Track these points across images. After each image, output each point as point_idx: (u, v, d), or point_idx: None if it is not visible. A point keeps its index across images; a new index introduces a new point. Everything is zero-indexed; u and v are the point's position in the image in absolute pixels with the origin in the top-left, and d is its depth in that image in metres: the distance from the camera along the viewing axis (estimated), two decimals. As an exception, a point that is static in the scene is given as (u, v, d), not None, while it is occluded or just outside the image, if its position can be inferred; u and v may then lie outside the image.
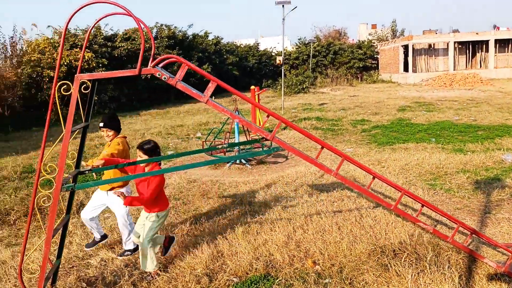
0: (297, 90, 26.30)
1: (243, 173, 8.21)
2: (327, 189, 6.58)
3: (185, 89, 3.05)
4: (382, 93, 24.14)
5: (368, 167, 3.84)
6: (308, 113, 16.43)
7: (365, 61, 38.17)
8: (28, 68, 18.06)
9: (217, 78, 3.09)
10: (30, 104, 19.27)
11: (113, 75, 3.05)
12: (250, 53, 35.66)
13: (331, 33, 51.33)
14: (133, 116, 19.00)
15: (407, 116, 14.21)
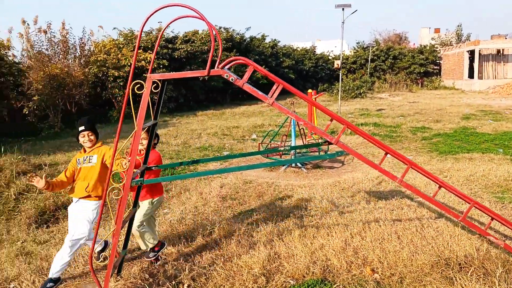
0: (354, 95, 25.84)
1: (299, 177, 8.19)
2: (385, 197, 6.41)
3: (251, 90, 3.09)
4: (444, 100, 23.16)
5: (435, 176, 3.70)
6: (365, 118, 16.10)
7: (427, 67, 36.76)
8: (94, 67, 19.04)
9: (284, 82, 3.11)
10: (95, 102, 20.35)
11: (183, 76, 3.16)
12: (306, 57, 35.48)
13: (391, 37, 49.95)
14: (190, 116, 19.50)
15: (471, 125, 13.53)
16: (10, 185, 7.28)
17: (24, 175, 7.89)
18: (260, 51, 28.51)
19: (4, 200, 6.74)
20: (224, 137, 12.98)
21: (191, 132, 14.01)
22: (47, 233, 5.48)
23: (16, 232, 5.52)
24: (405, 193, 6.57)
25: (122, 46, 20.44)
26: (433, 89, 33.12)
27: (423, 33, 52.67)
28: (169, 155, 10.16)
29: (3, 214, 6.23)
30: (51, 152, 10.95)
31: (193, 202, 6.46)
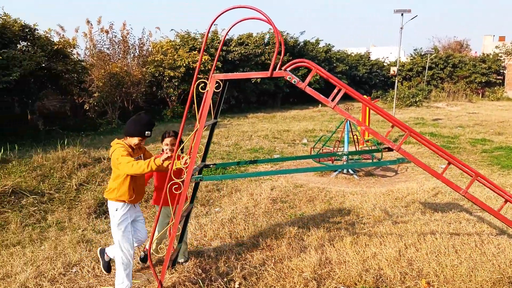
0: (409, 103, 25.08)
1: (350, 184, 8.05)
2: (442, 209, 6.17)
3: (313, 93, 3.09)
4: (508, 112, 21.95)
5: (503, 189, 3.51)
6: (420, 127, 15.57)
7: (489, 76, 35.01)
8: (151, 67, 19.68)
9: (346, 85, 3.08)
10: (150, 101, 21.07)
11: (246, 76, 3.21)
12: (360, 62, 34.87)
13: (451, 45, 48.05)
14: (241, 118, 19.71)
15: (537, 139, 12.73)
16: (72, 176, 7.69)
17: (84, 167, 8.31)
18: (313, 56, 28.36)
19: (67, 190, 7.13)
20: (274, 140, 13.01)
21: (242, 133, 14.15)
22: (105, 223, 5.73)
23: (77, 221, 5.82)
24: (463, 207, 6.29)
25: (178, 47, 21.03)
26: (495, 100, 31.49)
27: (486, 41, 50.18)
28: (220, 155, 10.32)
29: (65, 203, 6.59)
30: (108, 146, 11.43)
31: (244, 203, 6.52)
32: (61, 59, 13.50)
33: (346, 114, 3.08)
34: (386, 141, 3.09)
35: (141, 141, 3.70)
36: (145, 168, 3.39)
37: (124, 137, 3.74)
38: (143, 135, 3.65)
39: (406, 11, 16.48)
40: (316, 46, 29.73)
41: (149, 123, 3.68)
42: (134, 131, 3.63)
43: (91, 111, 17.23)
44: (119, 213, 3.65)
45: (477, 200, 3.24)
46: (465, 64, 35.80)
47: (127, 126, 3.72)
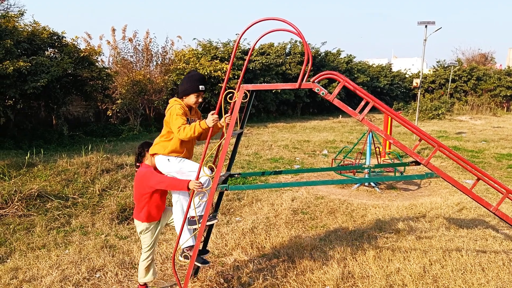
0: (431, 116, 24.72)
1: (372, 196, 7.96)
2: (467, 225, 6.03)
3: (341, 105, 3.08)
4: (533, 127, 21.43)
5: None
6: (443, 141, 15.31)
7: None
8: (174, 75, 19.91)
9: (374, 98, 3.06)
10: (172, 108, 21.27)
11: (275, 87, 3.22)
12: (382, 74, 34.58)
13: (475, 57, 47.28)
14: (261, 128, 19.73)
15: None
16: (95, 181, 7.80)
17: (107, 172, 8.43)
18: (334, 66, 28.27)
19: (90, 195, 7.23)
20: (295, 151, 12.97)
21: (262, 143, 14.15)
22: (127, 229, 5.79)
23: (100, 226, 5.89)
24: (489, 223, 6.14)
25: (200, 56, 21.26)
26: (521, 114, 30.80)
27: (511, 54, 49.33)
28: (240, 164, 10.34)
29: (89, 207, 6.68)
30: (130, 153, 11.59)
31: (264, 213, 6.51)
32: (86, 66, 13.79)
33: (374, 126, 3.06)
34: (414, 155, 3.05)
35: (197, 97, 3.63)
36: (191, 134, 3.37)
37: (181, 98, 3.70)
38: (198, 90, 3.60)
39: (430, 23, 16.32)
40: (337, 56, 29.65)
41: (202, 78, 3.67)
42: (188, 88, 3.59)
43: (114, 118, 17.53)
44: (172, 161, 3.61)
45: (508, 217, 3.16)
46: (490, 77, 35.12)
47: (181, 86, 3.68)
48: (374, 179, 6.66)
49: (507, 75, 35.27)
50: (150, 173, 3.67)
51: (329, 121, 23.14)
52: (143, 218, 3.74)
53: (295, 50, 25.92)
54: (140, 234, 3.85)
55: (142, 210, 3.74)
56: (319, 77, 3.12)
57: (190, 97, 3.62)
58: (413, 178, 3.46)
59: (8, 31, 11.29)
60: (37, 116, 14.72)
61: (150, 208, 3.72)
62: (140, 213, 3.76)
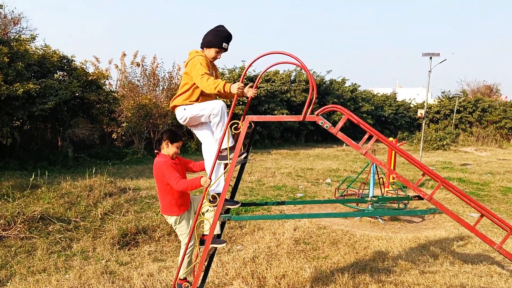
0: (436, 146, 24.69)
1: (375, 228, 7.88)
2: (472, 260, 5.95)
3: (344, 139, 3.10)
4: (539, 160, 21.32)
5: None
6: (448, 172, 15.25)
7: (520, 122, 34.29)
8: (180, 100, 20.12)
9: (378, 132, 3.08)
10: (176, 133, 21.40)
11: (279, 119, 3.26)
12: (386, 103, 34.78)
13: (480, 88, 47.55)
14: (264, 154, 19.75)
15: None
16: (98, 205, 7.80)
17: (110, 196, 8.44)
18: (339, 94, 28.49)
19: (92, 219, 7.22)
20: (298, 178, 12.94)
21: (265, 170, 14.14)
22: (128, 255, 5.75)
23: (101, 251, 5.86)
24: (494, 259, 6.05)
25: (206, 82, 21.52)
26: (526, 147, 30.71)
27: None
28: (243, 191, 10.31)
29: (90, 231, 6.66)
30: (134, 176, 11.62)
31: (266, 242, 6.45)
32: (94, 90, 13.99)
33: (377, 161, 3.07)
34: (417, 190, 3.05)
35: (217, 53, 3.61)
36: (212, 86, 3.33)
37: (202, 50, 3.66)
38: (221, 46, 3.58)
39: (435, 55, 16.47)
40: (342, 85, 29.91)
41: (229, 36, 3.63)
42: (213, 41, 3.56)
43: (119, 141, 17.64)
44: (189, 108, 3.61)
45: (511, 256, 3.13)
46: (495, 108, 35.21)
47: (206, 36, 3.62)
48: (378, 213, 6.62)
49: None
50: (165, 167, 3.68)
51: (333, 149, 23.15)
52: (174, 211, 3.75)
53: (300, 77, 26.20)
54: (174, 226, 3.84)
55: (169, 202, 3.75)
56: (323, 110, 3.16)
57: (211, 50, 3.59)
58: (417, 213, 3.45)
59: (20, 54, 11.53)
60: (43, 138, 14.85)
61: (176, 198, 3.73)
62: (169, 207, 3.77)
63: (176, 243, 6.35)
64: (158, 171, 3.74)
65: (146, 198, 8.71)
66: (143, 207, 8.14)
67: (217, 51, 3.61)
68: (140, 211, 7.80)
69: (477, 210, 3.27)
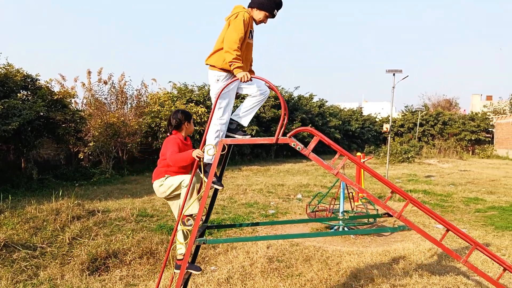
0: (401, 159, 25.40)
1: (346, 242, 8.01)
2: (439, 272, 6.13)
3: (317, 160, 3.18)
4: (498, 171, 22.27)
5: (502, 259, 3.55)
6: (413, 184, 15.70)
7: (478, 134, 35.85)
8: (148, 118, 19.94)
9: (348, 153, 3.18)
10: (145, 151, 21.16)
11: (252, 142, 3.31)
12: (353, 117, 35.64)
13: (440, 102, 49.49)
14: (235, 171, 19.75)
15: (529, 199, 12.86)
16: (65, 229, 7.59)
17: (78, 220, 8.22)
18: (307, 110, 28.97)
19: (59, 244, 7.01)
20: (269, 195, 13.01)
21: (236, 187, 14.15)
22: (98, 281, 5.61)
23: (70, 278, 5.68)
24: (460, 270, 6.26)
25: (176, 99, 21.43)
26: (485, 158, 32.04)
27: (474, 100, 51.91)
28: (215, 210, 10.26)
29: (58, 258, 6.46)
30: (102, 198, 11.37)
31: (240, 261, 6.44)
32: (60, 109, 13.71)
33: (348, 181, 3.16)
34: (387, 208, 3.16)
35: (266, 18, 3.53)
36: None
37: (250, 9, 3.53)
38: (272, 13, 3.50)
39: (398, 71, 17.06)
40: (310, 101, 30.46)
41: (281, 3, 3.54)
42: (266, 4, 3.44)
43: (85, 160, 17.25)
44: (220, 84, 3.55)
45: (476, 269, 3.26)
46: (455, 121, 36.72)
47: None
48: (351, 232, 6.76)
49: (471, 120, 36.96)
50: (173, 141, 3.70)
51: (303, 164, 23.40)
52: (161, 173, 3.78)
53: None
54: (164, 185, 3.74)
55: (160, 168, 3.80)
56: (295, 132, 3.24)
57: (261, 13, 3.50)
58: (386, 231, 3.55)
59: (-20, 74, 11.20)
60: (5, 159, 14.35)
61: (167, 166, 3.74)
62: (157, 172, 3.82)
63: (148, 266, 6.25)
64: (165, 144, 3.80)
65: (116, 220, 8.54)
66: (113, 229, 7.97)
67: (266, 15, 3.51)
68: (110, 234, 7.63)
69: (443, 225, 3.41)
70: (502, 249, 7.41)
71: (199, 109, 20.56)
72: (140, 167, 19.44)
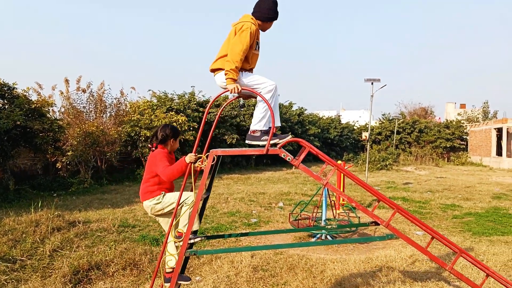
0: (379, 167, 25.82)
1: (329, 250, 8.08)
2: (421, 278, 6.25)
3: (306, 171, 3.24)
4: (473, 177, 22.86)
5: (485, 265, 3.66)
6: (392, 192, 15.97)
7: (453, 142, 36.76)
8: (128, 127, 19.75)
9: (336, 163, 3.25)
10: (124, 160, 20.92)
11: (242, 153, 3.34)
12: (332, 125, 36.05)
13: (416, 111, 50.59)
14: (216, 179, 19.67)
15: (504, 205, 13.25)
16: (45, 241, 7.43)
17: (58, 231, 8.07)
18: (287, 118, 29.18)
19: (39, 256, 6.86)
20: (251, 203, 13.02)
21: (218, 196, 14.12)
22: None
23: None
24: (441, 275, 6.40)
25: (155, 108, 21.29)
26: (460, 165, 32.82)
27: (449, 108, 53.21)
28: (197, 219, 10.21)
29: (38, 270, 6.32)
30: (82, 208, 11.18)
31: (225, 271, 6.43)
32: (37, 118, 13.44)
33: (338, 191, 3.23)
34: (375, 217, 3.23)
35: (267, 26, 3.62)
36: None
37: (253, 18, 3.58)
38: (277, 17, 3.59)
39: (376, 80, 17.40)
40: (289, 109, 30.70)
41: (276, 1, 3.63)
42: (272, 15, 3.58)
43: (63, 170, 16.92)
44: None
45: (462, 276, 3.36)
46: (431, 129, 37.58)
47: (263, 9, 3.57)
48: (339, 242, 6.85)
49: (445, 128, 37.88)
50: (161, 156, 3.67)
51: (283, 172, 23.53)
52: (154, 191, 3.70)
53: (249, 102, 26.58)
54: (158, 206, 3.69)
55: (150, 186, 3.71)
56: (286, 143, 3.29)
57: (269, 24, 3.63)
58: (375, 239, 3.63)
59: (-45, 82, 10.91)
60: (-20, 170, 13.96)
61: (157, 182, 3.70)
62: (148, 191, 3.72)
63: (132, 277, 6.17)
64: (152, 159, 3.74)
65: (97, 231, 8.41)
66: (95, 241, 7.85)
67: (268, 25, 3.64)
68: (91, 246, 7.51)
69: (428, 233, 3.50)
70: (480, 255, 7.60)
71: (179, 118, 20.49)
72: (119, 177, 19.20)
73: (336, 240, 7.60)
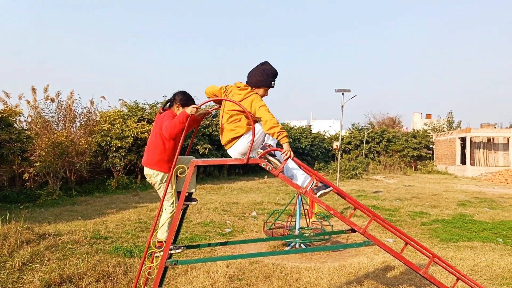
0: (350, 175, 26.29)
1: (303, 258, 8.18)
2: (394, 283, 6.42)
3: (286, 180, 3.32)
4: (439, 185, 23.59)
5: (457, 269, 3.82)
6: (363, 200, 16.29)
7: (420, 151, 37.87)
8: (98, 137, 19.41)
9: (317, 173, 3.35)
10: (94, 171, 20.52)
11: (223, 163, 3.40)
12: (303, 135, 36.47)
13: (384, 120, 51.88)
14: (189, 189, 19.53)
15: (468, 212, 13.75)
16: (14, 255, 7.21)
17: (27, 244, 7.84)
18: (259, 128, 29.33)
19: (8, 271, 6.64)
20: (224, 213, 13.00)
21: (191, 206, 13.97)
22: (55, 308, 5.38)
23: (23, 306, 5.41)
24: (413, 280, 6.59)
25: (126, 117, 21.03)
26: (427, 173, 33.79)
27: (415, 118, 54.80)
28: (171, 229, 10.12)
29: (7, 285, 6.12)
30: (52, 220, 10.90)
31: (201, 282, 6.40)
32: (4, 128, 13.05)
33: (317, 200, 3.32)
34: (352, 225, 3.34)
35: (266, 91, 3.76)
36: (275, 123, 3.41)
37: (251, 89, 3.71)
38: (270, 85, 3.73)
39: (346, 91, 17.80)
40: (261, 119, 30.91)
41: (276, 74, 3.76)
42: (262, 81, 3.68)
43: (31, 181, 16.45)
44: None
45: (435, 280, 3.51)
46: (399, 139, 38.60)
47: (254, 76, 3.71)
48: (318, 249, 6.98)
49: (413, 137, 39.00)
50: (168, 116, 3.65)
51: (255, 181, 23.60)
52: (163, 167, 3.62)
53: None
54: (159, 185, 3.66)
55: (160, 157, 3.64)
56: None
57: (260, 90, 3.72)
58: (353, 246, 3.73)
59: None
60: None
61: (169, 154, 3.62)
62: (158, 162, 3.64)
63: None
64: (159, 121, 3.71)
65: (68, 243, 8.23)
66: (66, 253, 7.67)
67: (266, 89, 3.77)
68: (63, 258, 7.33)
69: (403, 239, 3.64)
70: (448, 260, 7.86)
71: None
72: (89, 187, 18.80)
73: (311, 248, 7.72)
